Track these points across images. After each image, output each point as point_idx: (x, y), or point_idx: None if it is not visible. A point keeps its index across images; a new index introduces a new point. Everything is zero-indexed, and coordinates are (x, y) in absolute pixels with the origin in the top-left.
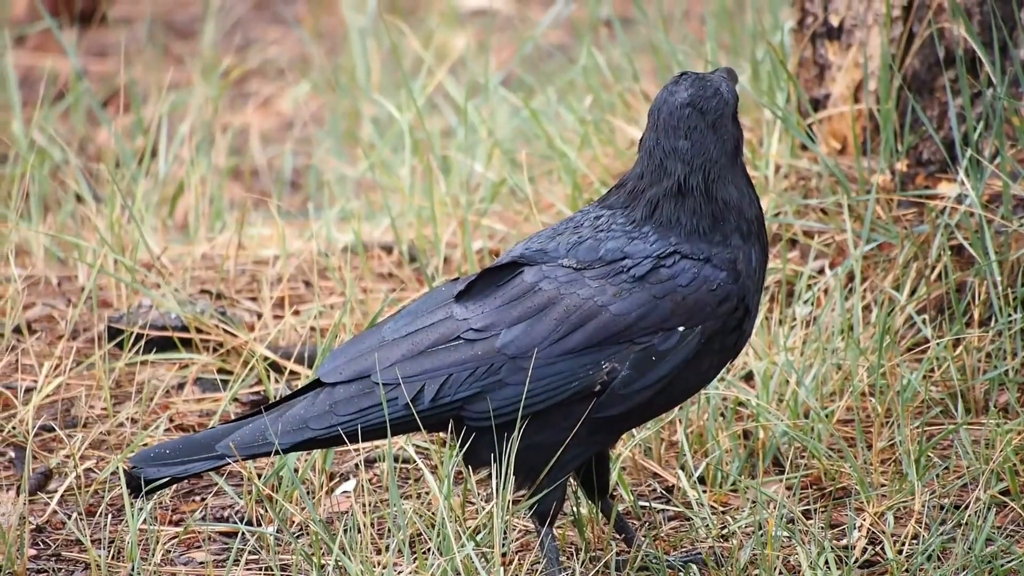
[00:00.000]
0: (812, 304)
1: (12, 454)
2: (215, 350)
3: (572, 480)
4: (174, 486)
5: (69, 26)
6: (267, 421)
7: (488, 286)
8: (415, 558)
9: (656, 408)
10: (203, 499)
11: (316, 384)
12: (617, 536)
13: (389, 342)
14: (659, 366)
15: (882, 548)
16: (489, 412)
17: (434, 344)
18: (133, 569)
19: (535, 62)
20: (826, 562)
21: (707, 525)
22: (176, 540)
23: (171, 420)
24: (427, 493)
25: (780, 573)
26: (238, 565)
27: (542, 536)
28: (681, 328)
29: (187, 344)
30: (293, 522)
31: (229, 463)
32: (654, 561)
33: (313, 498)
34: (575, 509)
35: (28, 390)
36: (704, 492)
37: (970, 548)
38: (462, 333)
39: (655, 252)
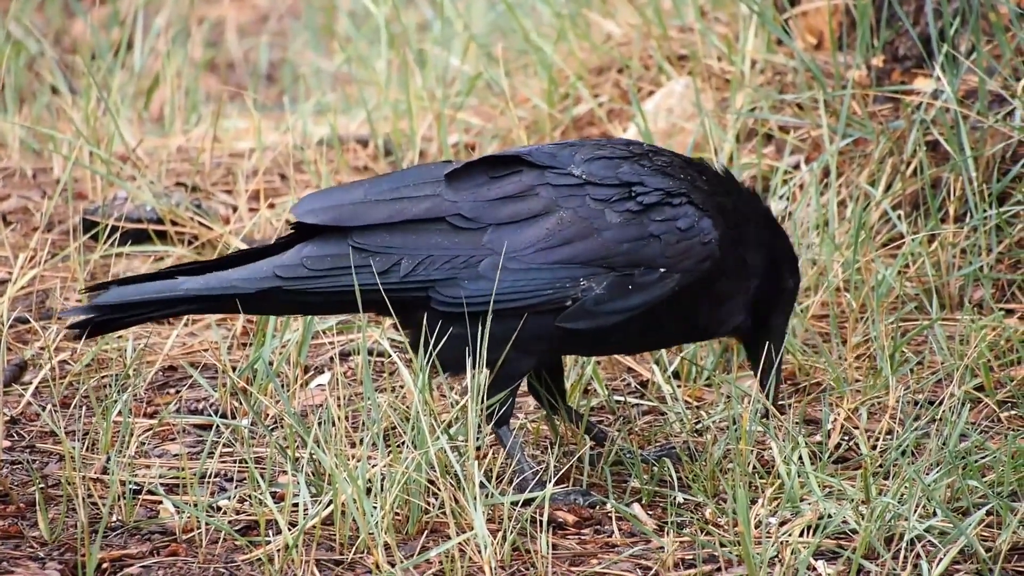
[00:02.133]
0: (787, 199)
1: None
2: (190, 243)
3: (527, 390)
4: (148, 375)
5: None
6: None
7: (481, 175)
8: (389, 451)
9: (611, 343)
10: (178, 392)
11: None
12: (588, 437)
13: (371, 201)
14: (632, 296)
15: (856, 444)
16: (457, 299)
17: (417, 217)
18: (107, 460)
19: None
20: (800, 457)
21: (681, 420)
22: (150, 432)
23: None
24: (402, 387)
25: (754, 468)
26: (212, 457)
27: (502, 437)
28: (663, 269)
29: (162, 236)
30: (267, 415)
31: (187, 298)
32: (628, 455)
33: (287, 391)
34: (545, 407)
35: (3, 282)
36: (678, 387)
37: (944, 443)
38: (448, 216)
39: (667, 188)
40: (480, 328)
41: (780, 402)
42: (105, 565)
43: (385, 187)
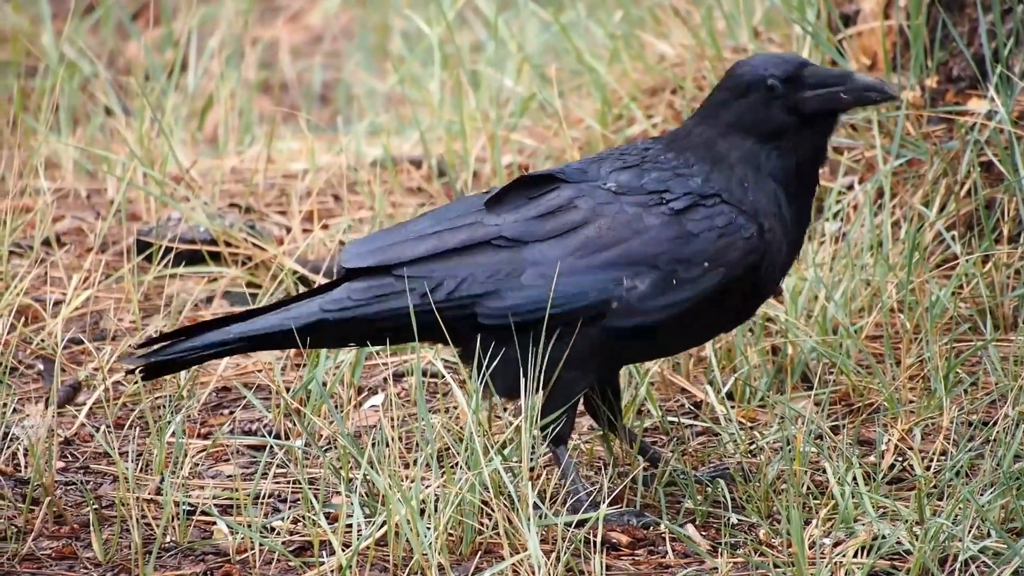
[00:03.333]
0: (841, 220)
1: (41, 367)
2: (243, 264)
3: (584, 408)
4: (203, 396)
5: None
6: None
7: (520, 196)
8: (443, 472)
9: (660, 341)
10: (231, 412)
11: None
12: (642, 458)
13: (414, 239)
14: (678, 290)
15: (910, 464)
16: (502, 309)
17: (460, 244)
18: (161, 481)
19: None
20: (854, 478)
21: (735, 441)
22: (204, 453)
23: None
24: (455, 407)
25: (808, 489)
26: (266, 478)
27: (558, 456)
28: (706, 263)
29: (215, 258)
30: (321, 436)
31: (237, 344)
32: (682, 476)
33: (341, 412)
34: (602, 427)
35: (57, 303)
36: (732, 408)
37: (998, 464)
38: (492, 239)
39: (698, 191)
40: (530, 344)
41: None
42: None
43: (426, 223)
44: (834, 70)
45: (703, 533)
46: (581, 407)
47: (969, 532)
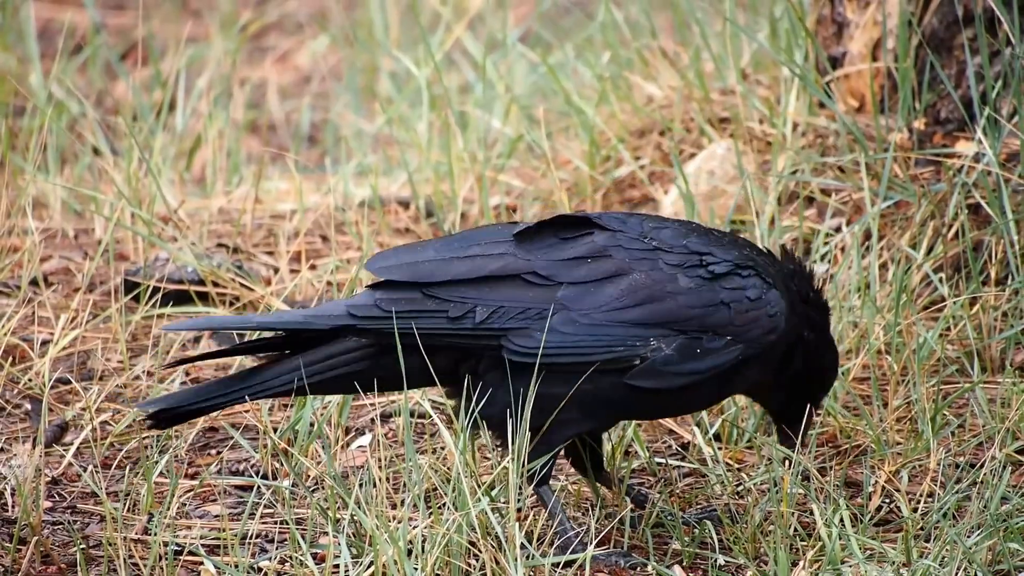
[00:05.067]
0: (829, 262)
1: (28, 406)
2: (231, 304)
3: (563, 458)
4: (189, 436)
5: None
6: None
7: (551, 236)
8: (430, 513)
9: (671, 403)
10: (219, 452)
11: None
12: (628, 499)
13: (447, 259)
14: (700, 360)
15: (897, 506)
16: (530, 348)
17: (494, 273)
18: (149, 521)
19: (553, 18)
20: (841, 520)
21: (722, 482)
22: (191, 493)
23: (187, 374)
24: (443, 448)
25: (795, 530)
26: (253, 518)
27: (543, 497)
28: (728, 337)
29: (203, 298)
30: (309, 476)
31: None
32: (669, 517)
33: (329, 452)
34: (581, 473)
35: (44, 342)
36: (719, 449)
37: (985, 506)
38: (524, 273)
39: (735, 259)
40: (550, 386)
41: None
42: None
43: (457, 245)
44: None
45: (690, 574)
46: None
47: (956, 574)
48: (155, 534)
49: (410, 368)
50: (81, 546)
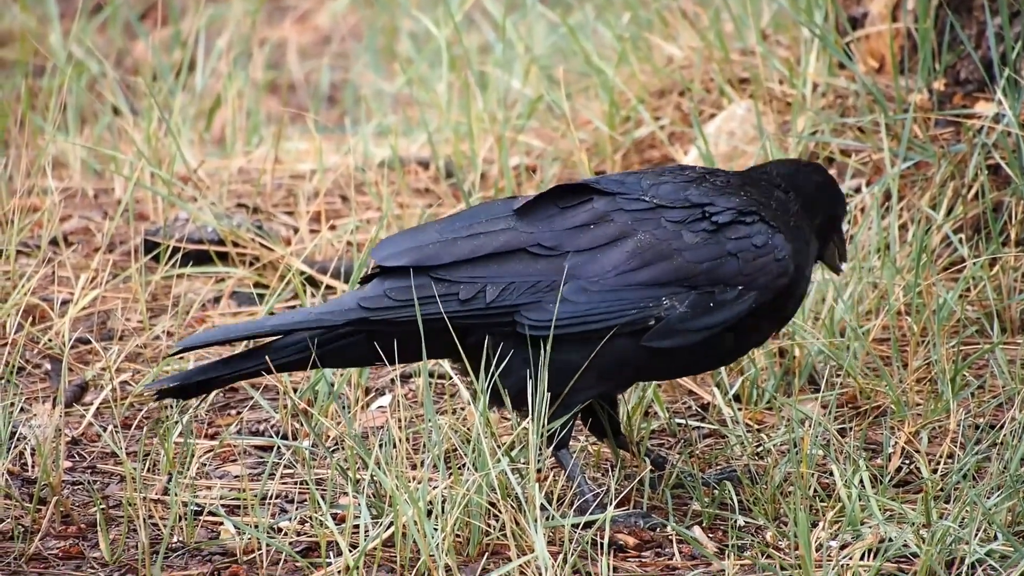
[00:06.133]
0: (849, 222)
1: (48, 366)
2: (251, 264)
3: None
4: (210, 396)
5: None
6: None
7: (551, 207)
8: (450, 473)
9: (690, 360)
10: (238, 413)
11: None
12: (647, 459)
13: (450, 240)
14: (714, 313)
15: (917, 467)
16: (543, 321)
17: (498, 249)
18: (168, 481)
19: None
20: (861, 481)
21: (742, 443)
22: (211, 454)
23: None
24: (462, 408)
25: (815, 491)
26: (273, 479)
27: (562, 460)
28: (740, 287)
29: (223, 258)
30: (328, 436)
31: (264, 364)
32: (689, 478)
33: (349, 413)
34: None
35: (64, 302)
36: (739, 410)
37: (1005, 468)
38: (528, 246)
39: (738, 206)
40: (565, 354)
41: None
42: None
43: (458, 225)
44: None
45: (710, 535)
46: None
47: (976, 535)
48: (174, 494)
49: (426, 347)
50: (101, 506)
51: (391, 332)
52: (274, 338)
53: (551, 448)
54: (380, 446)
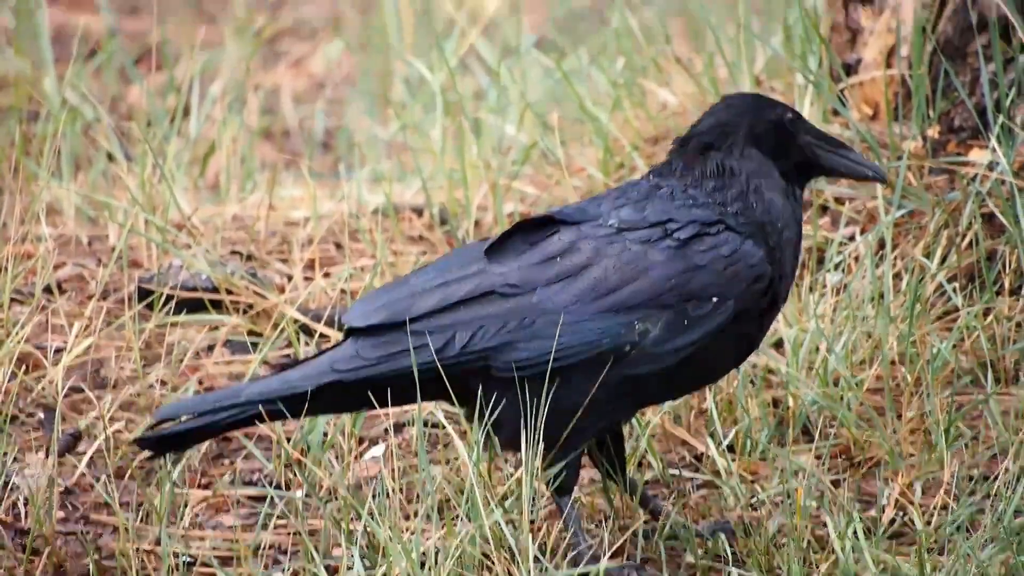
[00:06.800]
0: (843, 271)
1: (41, 415)
2: (245, 312)
3: (588, 460)
4: (203, 445)
5: None
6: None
7: (521, 243)
8: (443, 524)
9: (677, 382)
10: (232, 463)
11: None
12: (643, 509)
13: (420, 292)
14: (690, 331)
15: (911, 519)
16: (518, 362)
17: (467, 295)
18: (161, 532)
19: (567, 24)
20: (854, 532)
21: (736, 494)
22: (205, 504)
23: (200, 382)
24: (456, 459)
25: (808, 543)
26: (266, 529)
27: (561, 506)
28: (715, 299)
29: (217, 305)
30: (322, 487)
31: (254, 411)
32: (683, 530)
33: (342, 463)
34: (604, 477)
35: (58, 350)
36: (733, 460)
37: (999, 519)
38: (497, 287)
39: (701, 219)
40: (541, 393)
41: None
42: None
43: (431, 275)
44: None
45: None
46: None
47: None
48: (167, 545)
49: (406, 395)
50: (94, 557)
51: (369, 388)
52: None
53: (552, 491)
54: (374, 497)
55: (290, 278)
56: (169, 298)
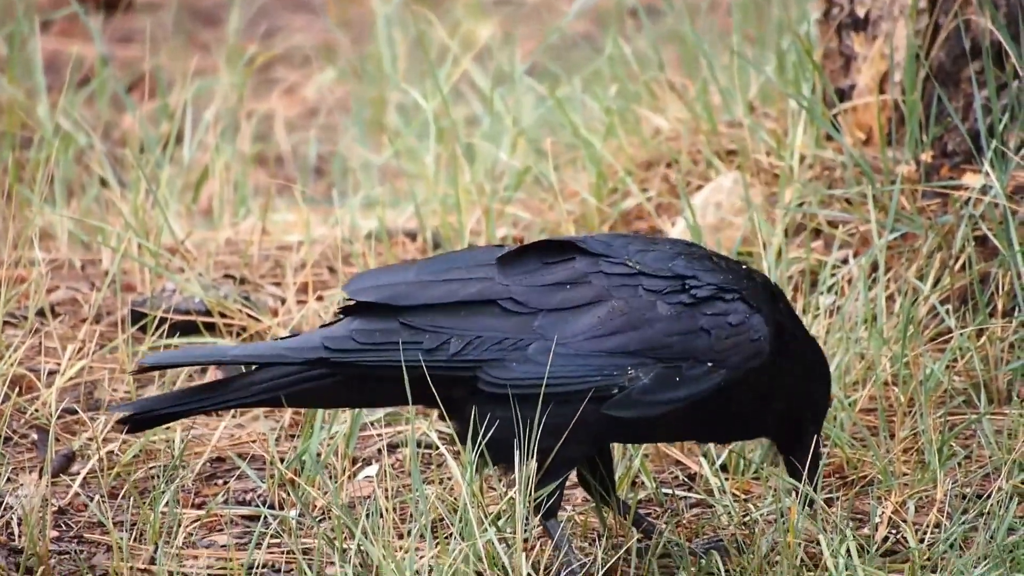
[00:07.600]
0: (836, 293)
1: (35, 436)
2: (238, 335)
3: (576, 480)
4: (196, 466)
5: (95, 11)
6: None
7: (535, 261)
8: (437, 543)
9: (657, 433)
10: (225, 483)
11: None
12: (636, 529)
13: (424, 282)
14: (679, 388)
15: (904, 537)
16: (505, 380)
17: (468, 298)
18: (155, 552)
19: (561, 51)
20: (847, 551)
21: (729, 513)
22: (198, 523)
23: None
24: (449, 478)
25: (801, 561)
26: (260, 549)
27: (549, 529)
28: (710, 364)
29: (210, 329)
30: (315, 506)
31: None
32: (676, 548)
33: (335, 482)
34: (596, 500)
35: (51, 373)
36: (726, 480)
37: (992, 538)
38: (500, 299)
39: (720, 283)
40: (529, 414)
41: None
42: None
43: (437, 268)
44: None
45: None
46: (572, 479)
47: None
48: (161, 565)
49: (390, 394)
50: (87, 575)
51: (355, 375)
52: (241, 375)
53: (538, 516)
54: (367, 516)
55: (283, 302)
56: (162, 321)
